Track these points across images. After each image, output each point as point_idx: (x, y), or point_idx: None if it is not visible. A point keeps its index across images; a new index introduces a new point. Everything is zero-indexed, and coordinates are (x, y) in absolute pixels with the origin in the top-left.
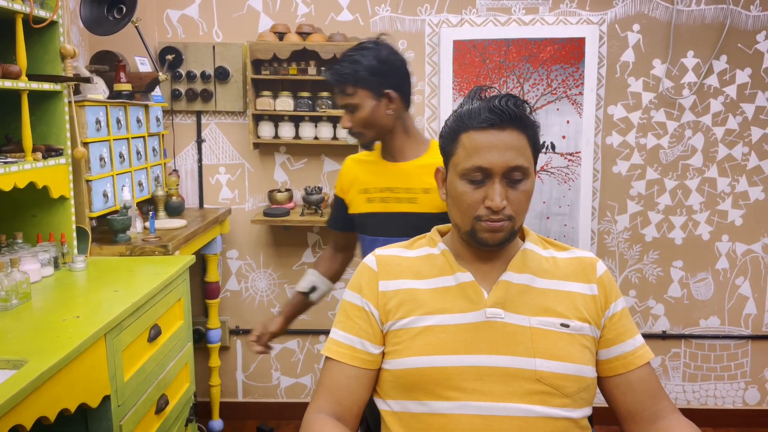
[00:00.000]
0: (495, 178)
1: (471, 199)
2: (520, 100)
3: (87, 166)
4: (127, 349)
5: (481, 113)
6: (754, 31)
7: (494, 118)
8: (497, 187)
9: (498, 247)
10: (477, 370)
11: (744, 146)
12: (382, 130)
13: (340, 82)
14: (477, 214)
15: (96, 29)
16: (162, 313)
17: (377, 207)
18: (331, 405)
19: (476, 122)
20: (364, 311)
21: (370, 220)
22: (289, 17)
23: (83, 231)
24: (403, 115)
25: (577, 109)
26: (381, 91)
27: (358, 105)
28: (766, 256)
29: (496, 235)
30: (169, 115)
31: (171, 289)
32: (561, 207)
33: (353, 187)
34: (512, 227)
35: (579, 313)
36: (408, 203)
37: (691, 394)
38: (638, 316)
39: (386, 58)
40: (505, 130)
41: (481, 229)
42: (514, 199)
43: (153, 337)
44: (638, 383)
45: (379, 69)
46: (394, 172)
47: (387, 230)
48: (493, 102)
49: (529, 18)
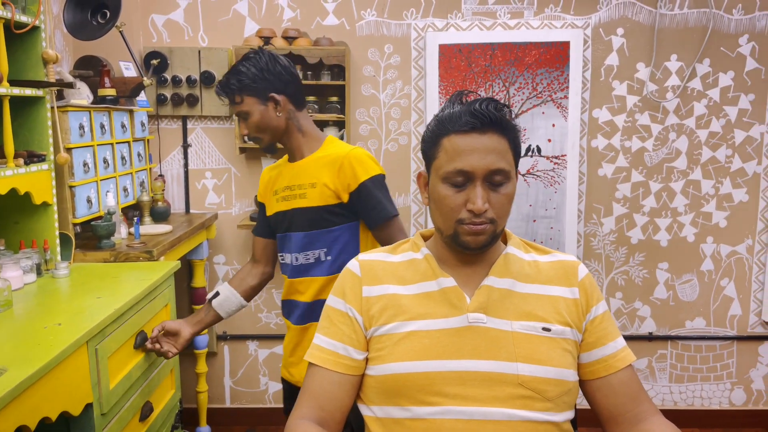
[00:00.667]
0: (476, 181)
1: (453, 202)
2: (501, 104)
3: (70, 172)
4: (112, 356)
5: (462, 117)
6: (737, 34)
7: (475, 122)
8: (479, 191)
9: (480, 250)
10: (459, 375)
11: (727, 149)
12: (276, 132)
13: (227, 92)
14: (459, 217)
15: (79, 34)
16: (148, 319)
17: (282, 205)
18: (315, 411)
19: (457, 126)
20: (347, 317)
21: (279, 218)
22: (275, 22)
23: (66, 237)
24: (295, 115)
25: (562, 112)
26: (266, 95)
27: (248, 112)
28: (751, 258)
29: (478, 238)
30: (155, 119)
31: (156, 296)
32: (547, 210)
33: (267, 190)
34: (494, 230)
35: (560, 317)
36: (300, 199)
37: (678, 395)
38: (625, 318)
39: (266, 65)
40: (485, 133)
41: (463, 232)
42: (496, 202)
43: (138, 343)
44: (620, 386)
45: (261, 75)
46: (293, 170)
47: (289, 226)
48: (473, 106)
49: (514, 22)
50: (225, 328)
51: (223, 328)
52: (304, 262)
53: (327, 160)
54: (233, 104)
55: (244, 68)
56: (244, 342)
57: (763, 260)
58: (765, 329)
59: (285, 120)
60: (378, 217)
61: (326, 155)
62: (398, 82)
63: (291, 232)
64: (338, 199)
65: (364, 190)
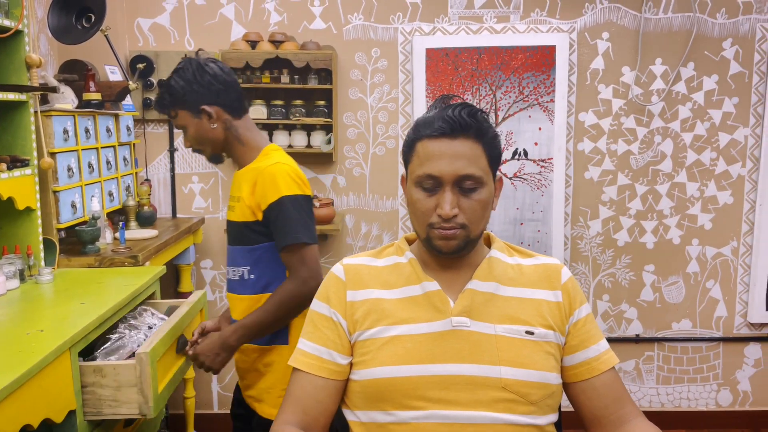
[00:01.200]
0: (446, 186)
1: (424, 206)
2: (476, 110)
3: (54, 177)
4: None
5: (435, 122)
6: (720, 38)
7: (446, 127)
8: (447, 195)
9: (454, 255)
10: (443, 379)
11: (712, 151)
12: (215, 144)
13: (160, 108)
14: (430, 221)
15: (64, 38)
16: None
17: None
18: (298, 416)
19: (429, 131)
20: (332, 321)
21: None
22: (262, 25)
23: (50, 242)
24: (233, 124)
25: (548, 116)
26: (198, 108)
27: (184, 125)
28: (736, 260)
29: (450, 242)
30: (141, 124)
31: (141, 301)
32: (534, 213)
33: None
34: (467, 236)
35: (544, 320)
36: (230, 211)
37: (665, 397)
38: (612, 320)
39: (193, 77)
40: (456, 138)
41: (434, 236)
42: (467, 208)
43: (180, 348)
44: (603, 388)
45: (189, 88)
46: (234, 180)
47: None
48: (447, 111)
49: (501, 26)
50: None
51: None
52: (233, 277)
53: (249, 175)
54: (170, 118)
55: (173, 81)
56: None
57: (748, 262)
58: (750, 330)
59: (222, 131)
60: (282, 239)
61: (250, 169)
62: (385, 85)
63: (228, 245)
64: (254, 216)
65: (274, 209)
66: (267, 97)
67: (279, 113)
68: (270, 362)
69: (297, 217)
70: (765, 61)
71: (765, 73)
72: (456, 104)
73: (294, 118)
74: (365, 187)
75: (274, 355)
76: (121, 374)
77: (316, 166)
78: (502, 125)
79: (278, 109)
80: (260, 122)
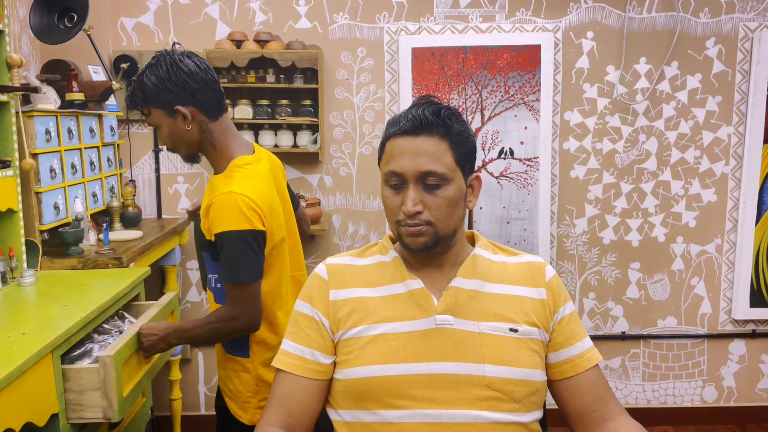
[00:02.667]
0: (409, 183)
1: (392, 203)
2: (441, 108)
3: (36, 178)
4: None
5: (400, 121)
6: (704, 37)
7: (408, 126)
8: (410, 192)
9: (424, 252)
10: (427, 378)
11: (696, 150)
12: (190, 145)
13: (133, 105)
14: (397, 218)
15: (46, 38)
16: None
17: None
18: (282, 417)
19: (395, 129)
20: (314, 321)
21: None
22: (247, 25)
23: (33, 244)
24: (208, 127)
25: (534, 115)
26: (171, 108)
27: (158, 124)
28: (720, 257)
29: (417, 239)
30: (125, 124)
31: (125, 303)
32: (520, 212)
33: None
34: (435, 233)
35: (528, 318)
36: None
37: (651, 394)
38: (598, 318)
39: (167, 74)
40: (419, 136)
41: (403, 233)
42: (432, 204)
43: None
44: (587, 386)
45: (163, 86)
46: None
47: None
48: (411, 111)
49: (486, 26)
50: None
51: None
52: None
53: (208, 193)
54: (143, 116)
55: (146, 78)
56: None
57: (732, 259)
58: (735, 327)
59: (197, 133)
60: (223, 273)
61: (212, 185)
62: (372, 85)
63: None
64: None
65: (218, 241)
66: (252, 96)
67: (265, 113)
68: (234, 368)
69: (239, 254)
70: (747, 59)
71: (748, 72)
72: (423, 103)
73: (280, 118)
74: (352, 187)
75: (237, 364)
76: (84, 378)
77: (302, 166)
78: (488, 124)
79: (264, 108)
80: (246, 122)
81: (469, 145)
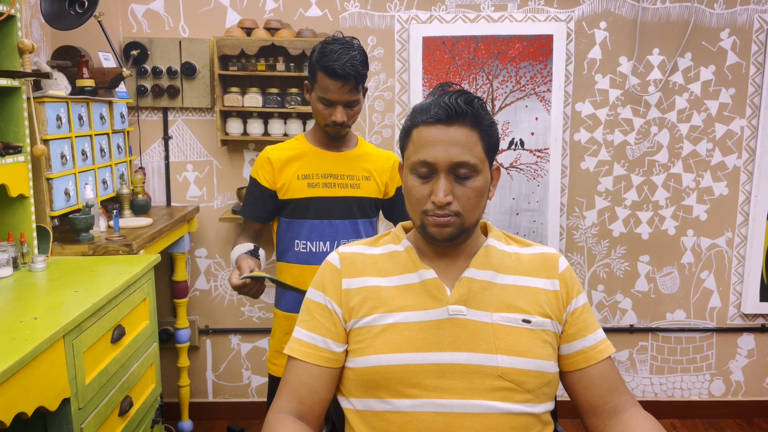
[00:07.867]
0: (440, 173)
1: (419, 193)
2: (473, 97)
3: (47, 164)
4: (89, 350)
5: (431, 109)
6: (718, 28)
7: (442, 114)
8: (442, 183)
9: (448, 243)
10: (439, 368)
11: (708, 142)
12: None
13: (358, 79)
14: (424, 208)
15: (57, 24)
16: (126, 313)
17: (321, 192)
18: (294, 405)
19: (425, 117)
20: (327, 309)
21: (313, 204)
22: (257, 12)
23: (44, 230)
24: None
25: (545, 105)
26: (365, 86)
27: (358, 100)
28: (730, 251)
29: (444, 230)
30: (135, 111)
31: (135, 289)
32: (530, 203)
33: (285, 173)
34: (461, 223)
35: (541, 309)
36: (351, 188)
37: (658, 387)
38: (606, 310)
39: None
40: (452, 125)
41: (428, 223)
42: (462, 195)
43: (116, 338)
44: (599, 378)
45: (367, 65)
46: (336, 160)
47: (331, 213)
48: (443, 98)
49: (498, 15)
50: (207, 322)
51: (205, 322)
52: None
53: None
54: (354, 91)
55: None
56: (227, 336)
57: (742, 253)
58: (744, 321)
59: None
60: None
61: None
62: (382, 74)
63: (332, 219)
64: (384, 195)
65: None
66: (262, 85)
67: (274, 101)
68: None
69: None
70: (762, 51)
71: (762, 64)
72: (453, 91)
73: (290, 107)
74: None
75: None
76: None
77: None
78: (498, 115)
79: (274, 97)
80: (255, 110)
81: (496, 136)
